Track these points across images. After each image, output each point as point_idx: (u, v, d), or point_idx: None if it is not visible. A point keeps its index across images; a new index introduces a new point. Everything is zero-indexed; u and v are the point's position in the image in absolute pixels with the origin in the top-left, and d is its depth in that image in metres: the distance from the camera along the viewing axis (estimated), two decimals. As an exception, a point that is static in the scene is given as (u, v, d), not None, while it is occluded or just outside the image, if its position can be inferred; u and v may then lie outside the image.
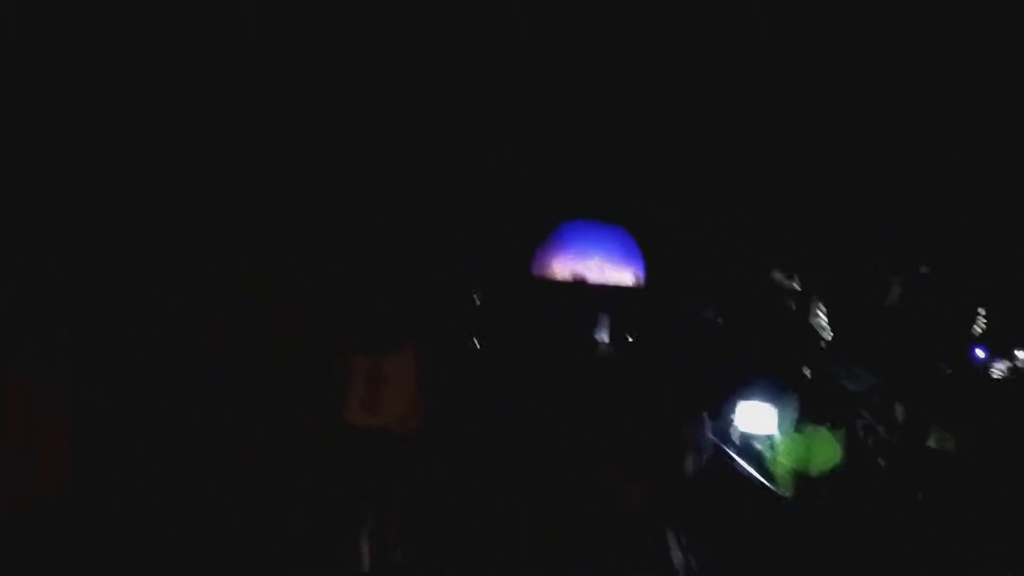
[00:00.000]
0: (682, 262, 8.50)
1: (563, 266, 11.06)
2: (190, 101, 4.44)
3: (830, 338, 7.61)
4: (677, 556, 3.56)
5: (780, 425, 4.62)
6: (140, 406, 3.60)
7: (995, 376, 7.87)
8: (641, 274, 10.07)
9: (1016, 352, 8.81)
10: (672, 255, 8.52)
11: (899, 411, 5.21)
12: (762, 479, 4.50)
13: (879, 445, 4.94)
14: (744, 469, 4.53)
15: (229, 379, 3.83)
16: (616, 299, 10.20)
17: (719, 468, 4.46)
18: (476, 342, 7.26)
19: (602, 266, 11.00)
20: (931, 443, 4.83)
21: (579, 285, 11.66)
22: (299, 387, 3.86)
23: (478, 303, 7.68)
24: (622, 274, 10.67)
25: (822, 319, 8.03)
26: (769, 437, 4.64)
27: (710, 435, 4.37)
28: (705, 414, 4.32)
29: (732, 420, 4.79)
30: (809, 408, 4.69)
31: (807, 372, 5.86)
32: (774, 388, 4.86)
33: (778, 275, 8.62)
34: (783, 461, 4.58)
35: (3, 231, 3.41)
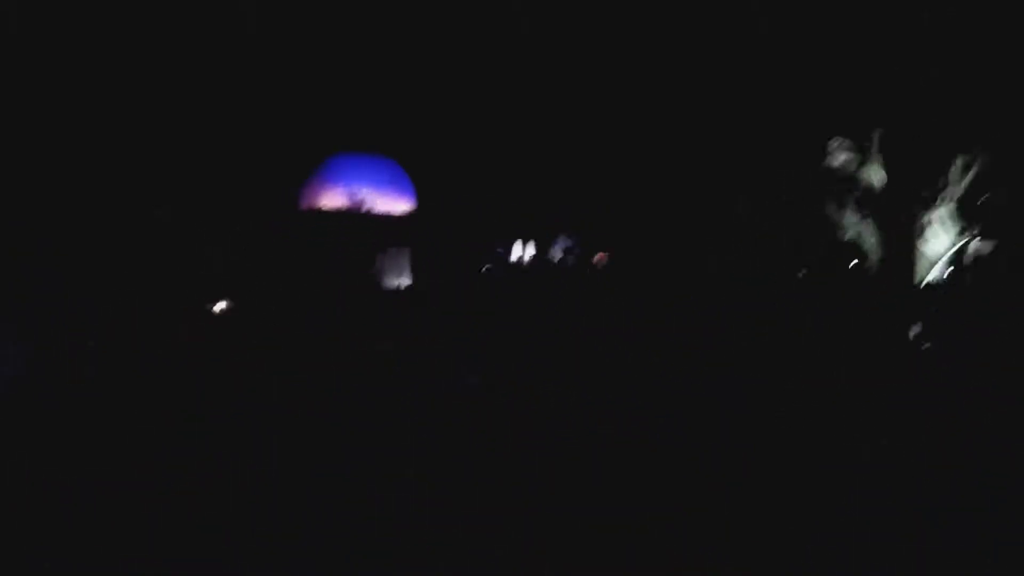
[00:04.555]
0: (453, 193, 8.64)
1: (335, 197, 10.95)
2: None
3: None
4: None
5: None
6: None
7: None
8: (413, 204, 10.27)
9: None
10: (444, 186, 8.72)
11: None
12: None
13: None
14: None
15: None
16: (389, 227, 10.54)
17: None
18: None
19: (373, 196, 11.17)
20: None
21: (355, 213, 11.62)
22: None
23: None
24: (394, 203, 10.84)
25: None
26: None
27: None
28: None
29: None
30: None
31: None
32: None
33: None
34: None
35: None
